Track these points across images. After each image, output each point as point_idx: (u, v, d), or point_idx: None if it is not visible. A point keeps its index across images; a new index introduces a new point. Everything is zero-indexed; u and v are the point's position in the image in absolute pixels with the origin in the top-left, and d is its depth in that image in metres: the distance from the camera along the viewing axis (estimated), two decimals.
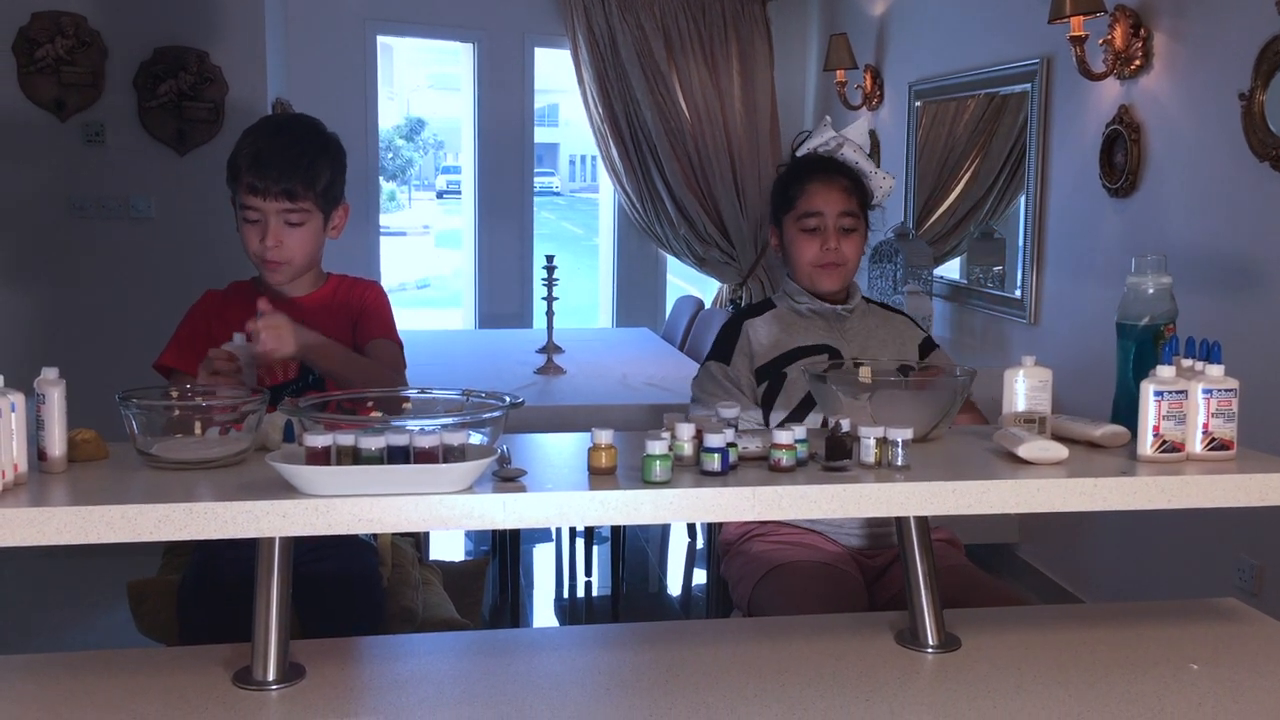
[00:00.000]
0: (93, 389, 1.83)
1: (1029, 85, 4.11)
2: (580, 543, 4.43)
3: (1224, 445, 1.59)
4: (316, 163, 2.12)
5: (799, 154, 2.38)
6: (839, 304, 2.34)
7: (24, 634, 3.62)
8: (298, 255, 2.12)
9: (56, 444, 1.44)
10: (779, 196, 2.37)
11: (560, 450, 1.69)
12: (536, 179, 6.14)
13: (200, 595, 2.02)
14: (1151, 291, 1.72)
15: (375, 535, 2.21)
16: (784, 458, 1.48)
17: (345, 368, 2.00)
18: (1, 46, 4.31)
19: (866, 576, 2.18)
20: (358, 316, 2.20)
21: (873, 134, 5.41)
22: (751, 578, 2.15)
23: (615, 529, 3.93)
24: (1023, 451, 1.55)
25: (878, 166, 2.37)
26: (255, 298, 1.96)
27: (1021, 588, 4.07)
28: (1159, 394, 1.57)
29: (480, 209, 5.87)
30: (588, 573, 4.36)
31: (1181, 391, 1.57)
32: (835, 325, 2.33)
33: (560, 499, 1.40)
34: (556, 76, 6.20)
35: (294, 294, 2.17)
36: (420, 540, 2.63)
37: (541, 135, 6.43)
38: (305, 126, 2.17)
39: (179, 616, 2.08)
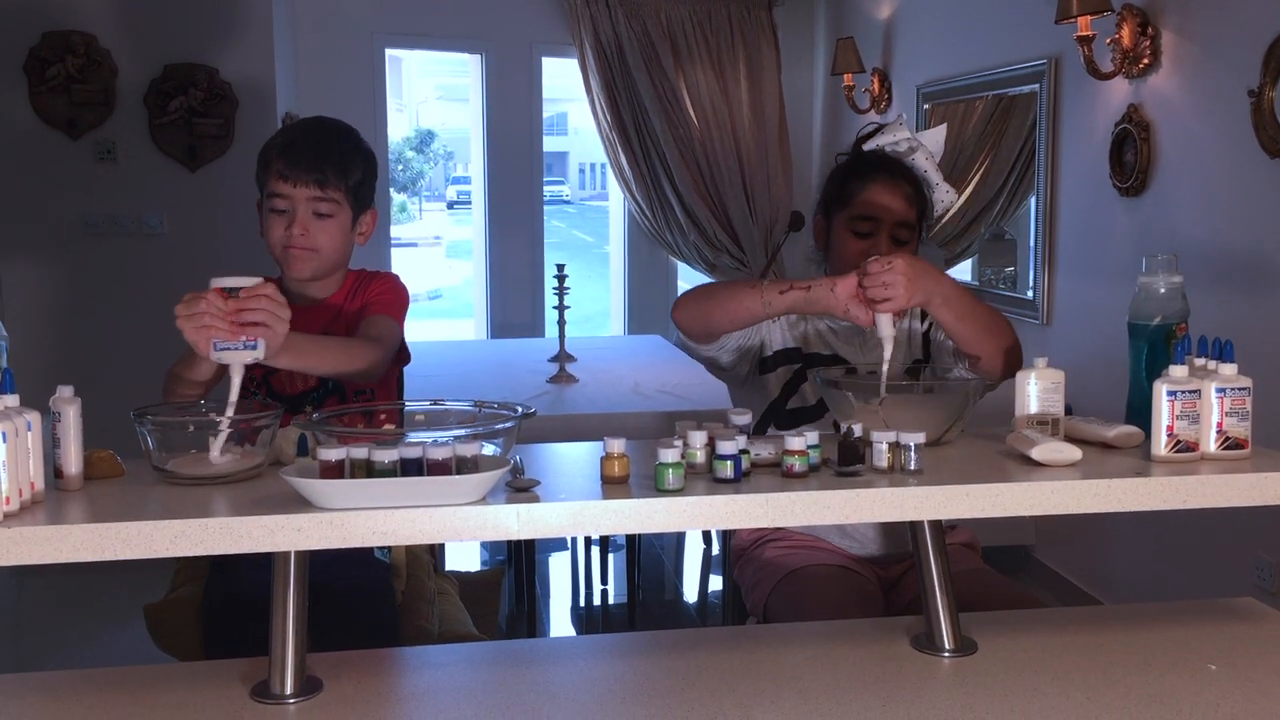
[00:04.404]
0: (108, 406, 1.84)
1: (1037, 86, 4.11)
2: (596, 551, 4.43)
3: (1239, 444, 1.58)
4: (350, 156, 2.08)
5: (866, 148, 2.20)
6: None
7: (42, 651, 3.63)
8: (325, 248, 2.05)
9: (72, 462, 1.44)
10: (835, 188, 2.21)
11: (573, 459, 1.69)
12: (546, 188, 6.15)
13: (228, 610, 2.03)
14: (1163, 291, 1.72)
15: (390, 551, 2.21)
16: (796, 464, 1.48)
17: (311, 357, 1.79)
18: (13, 66, 4.34)
19: (881, 585, 2.17)
20: (365, 303, 2.14)
21: None
22: (766, 584, 2.15)
23: (630, 537, 3.93)
24: (1036, 454, 1.54)
25: (943, 178, 2.19)
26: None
27: (1038, 590, 4.06)
28: (1172, 394, 1.56)
29: (490, 219, 5.89)
30: (604, 581, 4.36)
31: (1195, 391, 1.57)
32: (856, 337, 2.22)
33: (573, 508, 1.40)
34: (564, 85, 6.22)
35: (318, 296, 2.13)
36: (436, 549, 2.63)
37: (550, 144, 6.45)
38: (340, 125, 2.15)
39: (206, 629, 2.09)
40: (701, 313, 2.06)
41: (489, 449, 1.47)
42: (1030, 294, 4.23)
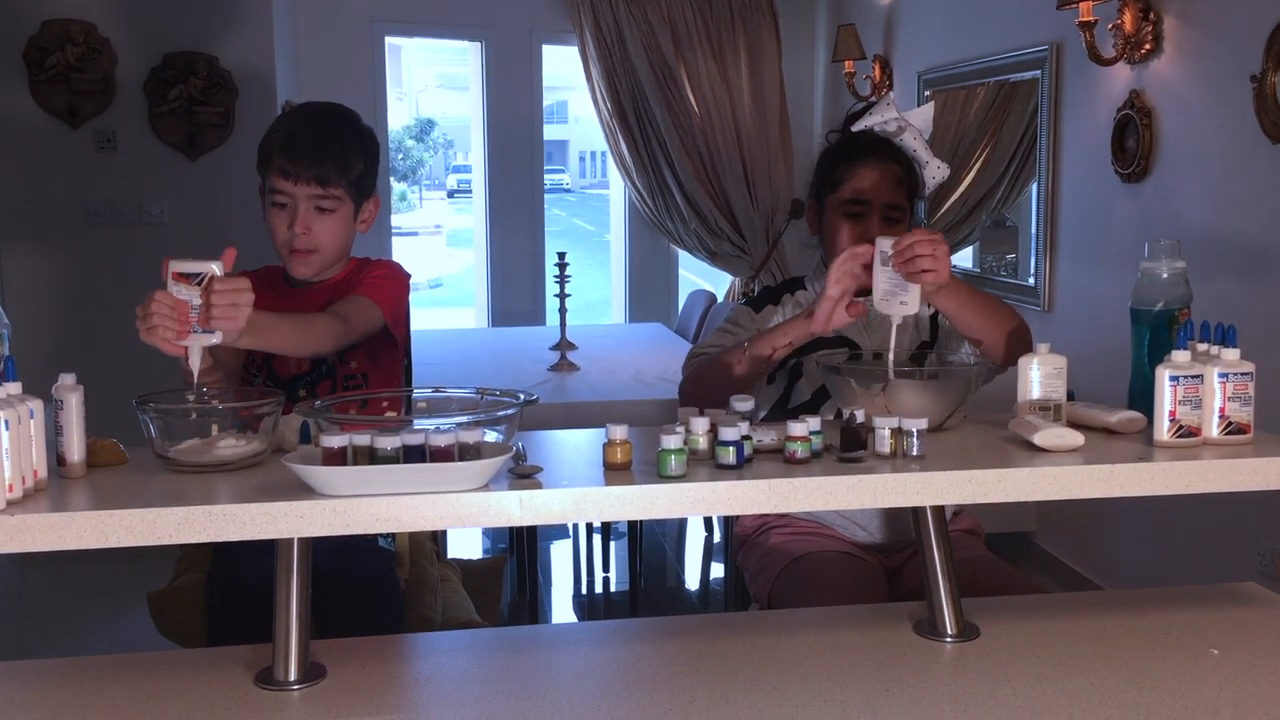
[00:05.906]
0: (111, 394, 1.84)
1: (1039, 72, 4.09)
2: (598, 538, 4.44)
3: (1241, 429, 1.58)
4: (351, 149, 2.07)
5: (855, 128, 2.18)
6: (866, 295, 2.18)
7: (45, 639, 3.64)
8: (326, 244, 2.06)
9: (75, 449, 1.45)
10: (825, 172, 2.21)
11: (575, 446, 1.69)
12: (547, 176, 6.14)
13: (231, 597, 2.03)
14: (1165, 276, 1.72)
15: (394, 539, 2.21)
16: (799, 450, 1.48)
17: (267, 335, 1.75)
18: (12, 55, 4.33)
19: (885, 572, 2.16)
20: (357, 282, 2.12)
21: None
22: (772, 570, 2.14)
23: (632, 524, 3.93)
24: (1038, 439, 1.54)
25: (933, 155, 2.20)
26: (282, 285, 1.90)
27: (1040, 576, 4.06)
28: (1174, 379, 1.56)
29: (491, 207, 5.88)
30: (605, 568, 4.37)
31: (1197, 376, 1.57)
32: (860, 318, 2.18)
33: (576, 495, 1.40)
34: (564, 73, 6.20)
35: (317, 280, 2.13)
36: (438, 537, 2.63)
37: (551, 132, 6.44)
38: (341, 114, 2.14)
39: (210, 616, 2.09)
40: (716, 400, 1.94)
41: (491, 436, 1.48)
42: (1032, 280, 4.22)
